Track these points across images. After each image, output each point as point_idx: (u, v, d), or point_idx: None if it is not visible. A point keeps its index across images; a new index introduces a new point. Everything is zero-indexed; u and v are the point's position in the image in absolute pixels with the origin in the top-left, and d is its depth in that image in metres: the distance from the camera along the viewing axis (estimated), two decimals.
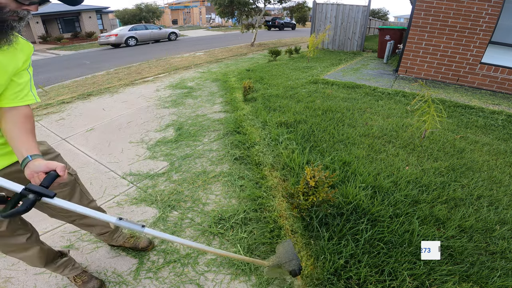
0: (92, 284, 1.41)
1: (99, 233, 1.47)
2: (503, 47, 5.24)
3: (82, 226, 1.38)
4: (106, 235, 1.52)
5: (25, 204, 0.76)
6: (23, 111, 0.93)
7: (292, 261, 1.27)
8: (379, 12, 36.68)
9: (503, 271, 1.46)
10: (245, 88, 4.27)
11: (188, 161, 2.66)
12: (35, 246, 1.19)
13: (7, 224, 1.04)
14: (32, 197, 0.77)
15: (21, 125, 0.90)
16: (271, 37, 18.42)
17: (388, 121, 3.41)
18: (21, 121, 0.91)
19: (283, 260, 1.29)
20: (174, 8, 37.99)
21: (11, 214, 0.76)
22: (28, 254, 1.19)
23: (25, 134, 0.90)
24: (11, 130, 0.89)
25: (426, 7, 5.64)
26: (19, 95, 0.92)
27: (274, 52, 8.43)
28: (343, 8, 10.32)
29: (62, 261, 1.35)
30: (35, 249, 1.20)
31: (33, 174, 0.83)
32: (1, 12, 0.74)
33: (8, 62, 0.86)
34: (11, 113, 0.90)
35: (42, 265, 1.26)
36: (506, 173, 2.38)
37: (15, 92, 0.91)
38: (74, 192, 1.21)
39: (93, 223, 1.37)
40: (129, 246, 1.65)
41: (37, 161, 0.85)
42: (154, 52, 11.94)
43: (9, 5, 0.74)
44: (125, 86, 5.71)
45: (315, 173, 1.65)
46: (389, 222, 1.75)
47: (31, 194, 0.77)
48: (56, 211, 1.21)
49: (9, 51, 0.84)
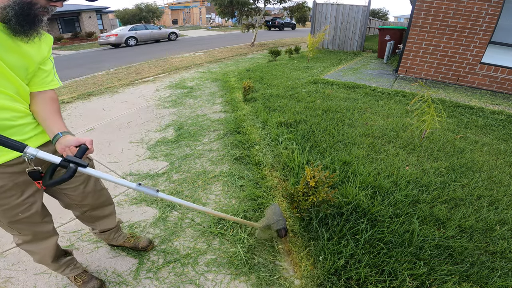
0: (92, 284, 1.41)
1: (102, 229, 1.49)
2: (503, 47, 5.24)
3: (90, 219, 1.39)
4: (107, 234, 1.53)
5: (69, 172, 0.89)
6: (50, 94, 1.05)
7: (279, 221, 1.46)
8: (379, 12, 36.67)
9: (503, 271, 1.46)
10: (245, 88, 4.27)
11: (188, 161, 2.66)
12: (53, 237, 1.24)
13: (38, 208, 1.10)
14: (73, 166, 0.90)
15: (49, 107, 1.03)
16: (271, 37, 18.42)
17: (388, 121, 3.41)
18: (49, 103, 1.03)
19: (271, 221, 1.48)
20: (174, 8, 37.98)
21: (57, 182, 0.90)
22: (45, 246, 1.22)
23: (53, 114, 1.03)
24: (42, 111, 1.01)
25: (426, 7, 5.64)
26: (46, 80, 1.03)
27: (274, 52, 8.43)
28: (343, 8, 10.32)
29: (66, 260, 1.37)
30: (52, 241, 1.24)
31: (65, 148, 0.95)
32: (34, 8, 0.84)
33: (36, 53, 0.96)
34: (40, 97, 1.02)
35: (51, 260, 1.28)
36: (506, 173, 2.38)
37: (42, 79, 1.02)
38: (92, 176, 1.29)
39: (102, 215, 1.41)
40: (129, 246, 1.65)
41: (68, 136, 0.98)
42: (154, 52, 11.94)
43: (40, 2, 0.85)
44: (125, 86, 5.71)
45: (315, 173, 1.65)
46: (389, 222, 1.75)
47: (72, 164, 0.90)
48: (72, 200, 1.26)
49: (36, 43, 0.94)
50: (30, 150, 0.86)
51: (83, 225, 1.86)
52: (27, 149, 0.86)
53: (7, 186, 0.98)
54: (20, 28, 0.85)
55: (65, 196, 1.23)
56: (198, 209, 1.31)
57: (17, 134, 0.96)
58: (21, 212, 1.05)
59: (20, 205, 1.04)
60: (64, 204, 1.30)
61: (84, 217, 1.39)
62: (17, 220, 1.06)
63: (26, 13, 0.83)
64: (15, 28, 0.84)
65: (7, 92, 0.90)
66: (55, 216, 1.98)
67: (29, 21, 0.85)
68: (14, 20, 0.82)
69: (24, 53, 0.92)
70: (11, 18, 0.82)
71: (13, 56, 0.89)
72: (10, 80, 0.90)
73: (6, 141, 0.83)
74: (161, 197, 1.13)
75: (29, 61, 0.94)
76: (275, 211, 1.55)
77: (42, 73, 1.02)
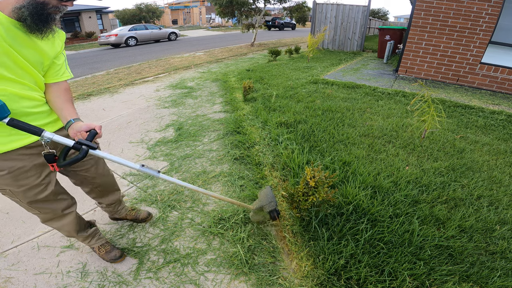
0: (114, 253, 1.57)
1: (109, 203, 1.66)
2: (503, 47, 5.24)
3: (99, 193, 1.55)
4: (112, 206, 1.70)
5: (82, 153, 1.00)
6: (63, 85, 1.17)
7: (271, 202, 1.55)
8: (379, 12, 36.66)
9: (503, 271, 1.46)
10: (245, 88, 4.27)
11: (188, 161, 2.66)
12: (72, 212, 1.35)
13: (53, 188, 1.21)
14: (85, 148, 1.01)
15: (62, 96, 1.14)
16: (271, 37, 18.42)
17: (388, 121, 3.41)
18: (62, 93, 1.15)
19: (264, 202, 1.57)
20: (174, 8, 37.97)
21: (71, 162, 1.00)
22: (66, 222, 1.33)
23: (66, 103, 1.14)
24: (56, 100, 1.12)
25: (426, 7, 5.64)
26: (59, 73, 1.14)
27: (274, 52, 8.43)
28: (343, 8, 10.32)
29: (92, 230, 1.52)
30: (72, 216, 1.35)
31: (76, 133, 1.07)
32: (46, 8, 0.94)
33: (50, 48, 1.07)
34: (54, 87, 1.14)
35: (76, 232, 1.41)
36: (506, 173, 2.38)
37: (56, 71, 1.13)
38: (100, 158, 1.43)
39: (112, 190, 1.60)
40: (130, 218, 1.82)
41: (79, 123, 1.09)
42: (154, 52, 11.94)
43: (52, 2, 0.94)
44: (125, 86, 5.71)
45: (315, 173, 1.65)
46: (389, 222, 1.75)
47: (84, 146, 1.01)
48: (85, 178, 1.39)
49: (49, 39, 1.04)
50: (47, 134, 0.97)
51: None
52: (44, 133, 0.97)
53: (27, 167, 1.08)
54: (35, 26, 0.94)
55: (77, 176, 1.37)
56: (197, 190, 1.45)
57: (35, 120, 1.07)
58: (39, 192, 1.16)
59: (39, 185, 1.14)
60: (76, 182, 1.43)
61: (92, 192, 1.54)
62: (36, 200, 1.17)
63: (39, 13, 0.93)
64: (30, 26, 0.94)
65: (26, 83, 1.01)
66: None
67: (43, 19, 0.95)
68: (29, 19, 0.92)
69: (39, 48, 1.01)
70: (26, 17, 0.91)
71: (29, 51, 0.98)
72: (28, 72, 1.00)
73: (26, 126, 0.94)
74: (162, 177, 1.27)
75: (44, 56, 1.04)
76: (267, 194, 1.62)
77: (55, 66, 1.12)
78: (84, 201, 2.10)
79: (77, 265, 1.57)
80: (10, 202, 2.11)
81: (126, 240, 1.75)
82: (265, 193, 1.63)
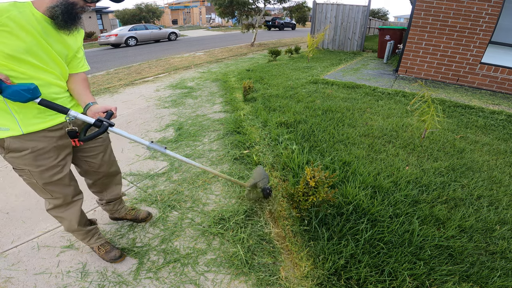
0: (114, 253, 1.58)
1: (109, 199, 1.68)
2: (503, 47, 5.24)
3: (101, 186, 1.60)
4: (112, 204, 1.72)
5: (102, 128, 1.17)
6: (82, 75, 1.33)
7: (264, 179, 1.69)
8: (379, 12, 36.65)
9: (503, 271, 1.46)
10: (245, 88, 4.27)
11: None
12: (80, 200, 1.45)
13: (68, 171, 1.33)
14: (106, 124, 1.17)
15: (81, 84, 1.30)
16: (271, 37, 18.42)
17: (388, 121, 3.41)
18: (81, 82, 1.30)
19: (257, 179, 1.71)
20: (174, 8, 37.96)
21: (92, 136, 1.15)
22: (72, 210, 1.41)
23: (85, 89, 1.30)
24: (76, 87, 1.28)
25: (426, 7, 5.64)
26: (79, 65, 1.29)
27: (274, 52, 8.43)
28: (343, 8, 10.33)
29: (92, 228, 1.55)
30: (78, 204, 1.44)
31: (95, 114, 1.22)
32: (75, 8, 1.08)
33: (74, 43, 1.22)
34: (75, 77, 1.29)
35: (77, 224, 1.45)
36: (506, 173, 2.38)
37: (76, 63, 1.28)
38: (109, 146, 1.55)
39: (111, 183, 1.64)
40: (130, 218, 1.83)
41: (96, 105, 1.25)
42: (154, 52, 11.94)
43: (79, 3, 1.08)
44: (125, 86, 5.71)
45: (315, 173, 1.65)
46: (389, 222, 1.75)
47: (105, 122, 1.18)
48: (90, 167, 1.47)
49: (74, 35, 1.19)
50: (72, 112, 1.15)
51: None
52: (70, 112, 1.14)
53: (47, 148, 1.20)
54: (64, 24, 1.08)
55: (85, 163, 1.45)
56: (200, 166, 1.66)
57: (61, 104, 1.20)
58: (55, 174, 1.26)
59: (55, 166, 1.25)
60: (82, 170, 1.51)
61: (96, 184, 1.59)
62: (51, 182, 1.26)
63: (69, 12, 1.07)
64: (60, 23, 1.07)
65: (55, 73, 1.16)
66: None
67: (71, 18, 1.08)
68: (60, 17, 1.06)
69: (66, 43, 1.17)
70: (58, 16, 1.05)
71: (59, 45, 1.14)
72: (57, 63, 1.16)
73: (55, 106, 1.11)
74: (168, 153, 1.47)
75: (69, 49, 1.19)
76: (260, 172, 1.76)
77: (76, 59, 1.27)
78: (84, 201, 2.09)
79: (77, 265, 1.57)
80: (10, 202, 2.11)
81: (126, 240, 1.75)
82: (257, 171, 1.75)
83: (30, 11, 1.03)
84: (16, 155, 1.15)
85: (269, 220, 1.89)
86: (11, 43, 0.98)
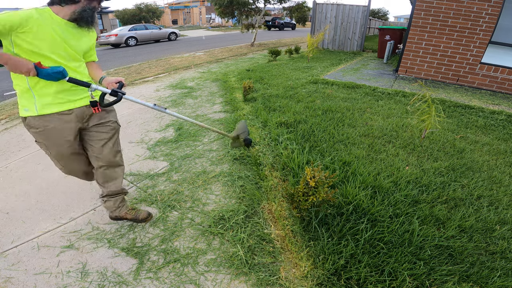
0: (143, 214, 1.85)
1: (110, 192, 1.73)
2: (503, 47, 5.24)
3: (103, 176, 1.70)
4: (113, 200, 1.76)
5: (119, 97, 1.46)
6: (96, 63, 1.68)
7: (245, 132, 2.01)
8: (379, 12, 36.63)
9: (503, 271, 1.46)
10: (245, 88, 4.27)
11: (188, 161, 2.66)
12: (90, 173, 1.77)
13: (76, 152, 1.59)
14: (121, 94, 1.46)
15: (95, 69, 1.64)
16: (271, 37, 18.42)
17: (388, 121, 3.41)
18: (95, 66, 1.65)
19: (239, 131, 2.02)
20: (174, 8, 37.95)
21: (110, 103, 1.50)
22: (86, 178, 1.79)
23: (98, 69, 1.66)
24: (93, 70, 1.63)
25: (426, 7, 5.65)
26: (93, 55, 1.62)
27: (274, 52, 8.43)
28: (343, 8, 10.33)
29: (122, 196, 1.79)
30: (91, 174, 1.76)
31: (109, 84, 1.54)
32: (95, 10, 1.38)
33: (91, 39, 1.51)
34: (92, 65, 1.64)
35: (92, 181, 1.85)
36: (506, 173, 2.38)
37: (91, 55, 1.60)
38: (117, 136, 1.74)
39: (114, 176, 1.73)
40: (130, 218, 1.83)
41: (109, 77, 1.59)
42: (154, 52, 11.94)
43: (97, 6, 1.38)
44: (125, 86, 5.70)
45: (315, 173, 1.65)
46: (389, 222, 1.75)
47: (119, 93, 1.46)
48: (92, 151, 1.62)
49: (90, 33, 1.48)
50: (93, 85, 1.43)
51: (83, 225, 1.86)
52: (92, 85, 1.42)
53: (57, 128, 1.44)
54: (86, 25, 1.38)
55: (90, 147, 1.62)
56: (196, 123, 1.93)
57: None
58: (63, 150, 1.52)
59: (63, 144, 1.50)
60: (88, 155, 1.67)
61: (98, 173, 1.69)
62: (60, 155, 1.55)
63: (93, 14, 1.37)
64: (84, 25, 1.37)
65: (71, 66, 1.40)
66: (55, 214, 1.99)
67: (93, 19, 1.38)
68: (86, 19, 1.35)
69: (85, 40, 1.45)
70: (87, 18, 1.35)
71: (77, 42, 1.40)
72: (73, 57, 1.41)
73: (79, 82, 1.37)
74: (168, 113, 1.76)
75: (87, 46, 1.48)
76: (242, 126, 2.03)
77: (92, 51, 1.58)
78: (84, 201, 2.10)
79: (77, 265, 1.57)
80: (10, 202, 2.11)
81: (126, 240, 1.75)
82: (240, 125, 2.04)
83: (49, 15, 1.27)
84: (35, 131, 1.44)
85: (269, 220, 1.89)
86: (36, 43, 1.23)
